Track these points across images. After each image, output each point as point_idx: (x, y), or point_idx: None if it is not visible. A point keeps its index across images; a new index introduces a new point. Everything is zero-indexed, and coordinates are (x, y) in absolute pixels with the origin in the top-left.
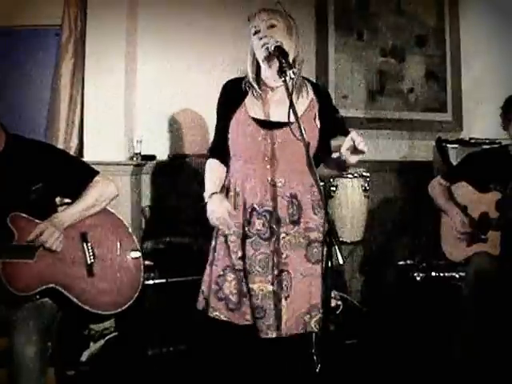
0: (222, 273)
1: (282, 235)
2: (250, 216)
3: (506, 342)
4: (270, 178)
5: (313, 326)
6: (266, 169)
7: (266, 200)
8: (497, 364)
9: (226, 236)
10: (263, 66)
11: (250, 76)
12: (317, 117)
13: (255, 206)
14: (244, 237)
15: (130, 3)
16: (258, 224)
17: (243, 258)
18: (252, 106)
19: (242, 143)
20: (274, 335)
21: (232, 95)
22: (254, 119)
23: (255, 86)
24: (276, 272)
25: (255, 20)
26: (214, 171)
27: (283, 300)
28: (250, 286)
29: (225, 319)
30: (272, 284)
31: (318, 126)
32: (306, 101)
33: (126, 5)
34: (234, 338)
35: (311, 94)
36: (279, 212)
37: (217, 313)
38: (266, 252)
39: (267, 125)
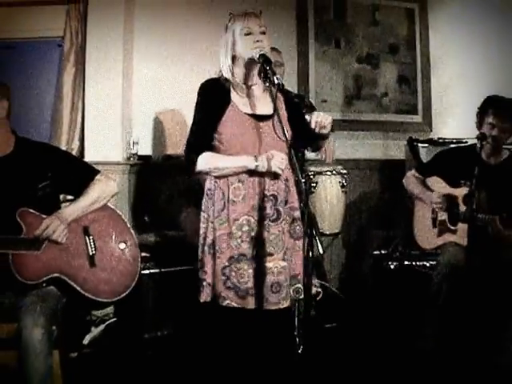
0: (227, 264)
1: (284, 216)
2: (262, 201)
3: (472, 327)
4: None
5: (291, 292)
6: None
7: (271, 185)
8: (464, 350)
9: (234, 224)
10: (244, 64)
11: (230, 74)
12: (285, 113)
13: (265, 191)
14: (260, 220)
15: (126, 16)
16: (268, 208)
17: (256, 242)
18: (241, 103)
19: (240, 138)
20: (286, 305)
21: (217, 94)
22: (248, 114)
23: (240, 83)
24: (285, 249)
25: (247, 22)
26: (219, 154)
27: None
28: (266, 264)
29: (236, 306)
30: (284, 260)
31: (288, 121)
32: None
33: (123, 17)
34: (228, 324)
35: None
36: (280, 195)
37: (228, 301)
38: (275, 232)
39: (257, 118)
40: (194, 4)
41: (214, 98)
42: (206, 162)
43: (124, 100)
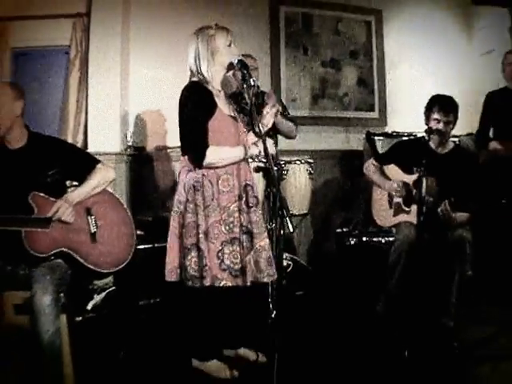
0: (220, 248)
1: (260, 201)
2: (245, 191)
3: (422, 293)
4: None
5: None
6: None
7: (248, 175)
8: (415, 312)
9: (225, 212)
10: (221, 69)
11: (209, 79)
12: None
13: (247, 182)
14: (247, 207)
15: (124, 26)
16: (249, 196)
17: (246, 225)
18: (224, 106)
19: (227, 136)
20: (277, 275)
21: (204, 96)
22: (230, 116)
23: (216, 87)
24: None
25: (229, 36)
26: (219, 147)
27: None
28: (259, 244)
29: (231, 285)
30: (267, 238)
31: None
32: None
33: (121, 28)
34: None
35: None
36: (254, 184)
37: (224, 281)
38: (259, 215)
39: (234, 118)
40: (187, 6)
41: (203, 99)
42: (213, 154)
43: (122, 98)
